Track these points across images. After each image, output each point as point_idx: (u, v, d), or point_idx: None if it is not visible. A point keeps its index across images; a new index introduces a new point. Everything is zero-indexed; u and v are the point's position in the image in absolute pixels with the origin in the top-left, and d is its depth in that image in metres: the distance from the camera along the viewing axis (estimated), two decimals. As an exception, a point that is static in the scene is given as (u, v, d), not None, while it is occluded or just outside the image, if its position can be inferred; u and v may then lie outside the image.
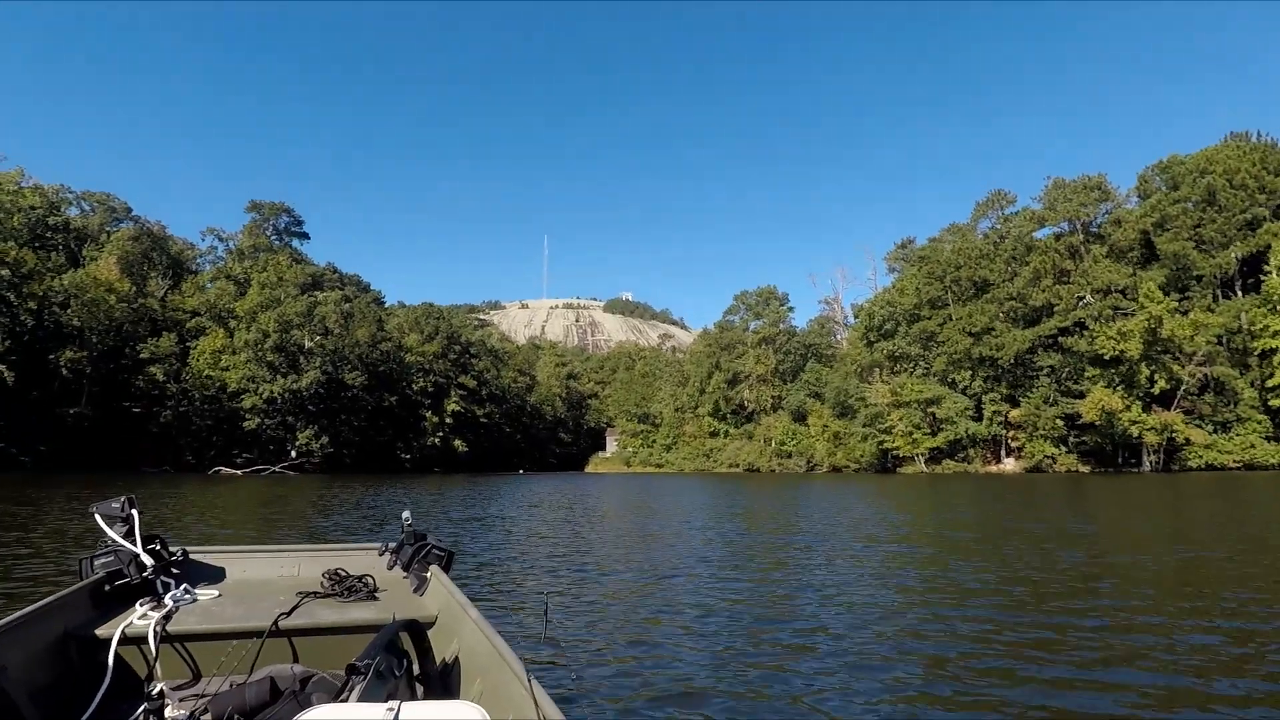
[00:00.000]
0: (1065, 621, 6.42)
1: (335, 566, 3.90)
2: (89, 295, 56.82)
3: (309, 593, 3.56)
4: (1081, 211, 63.96)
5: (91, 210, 73.16)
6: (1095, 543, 12.47)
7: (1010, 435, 70.52)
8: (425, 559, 3.99)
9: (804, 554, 11.29)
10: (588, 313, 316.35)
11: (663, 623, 6.37)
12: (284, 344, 68.69)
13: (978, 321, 69.21)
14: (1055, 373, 66.52)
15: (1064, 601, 7.25)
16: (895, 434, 73.57)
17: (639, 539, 14.08)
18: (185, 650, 3.05)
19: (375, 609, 3.43)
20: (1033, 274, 65.59)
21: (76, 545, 10.60)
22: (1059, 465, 65.72)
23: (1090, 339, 61.10)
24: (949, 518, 17.31)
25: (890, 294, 78.76)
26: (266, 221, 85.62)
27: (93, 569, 3.38)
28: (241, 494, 29.97)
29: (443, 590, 3.53)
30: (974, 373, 70.92)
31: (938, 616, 6.69)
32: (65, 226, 65.74)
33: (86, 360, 57.03)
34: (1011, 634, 5.98)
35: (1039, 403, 66.41)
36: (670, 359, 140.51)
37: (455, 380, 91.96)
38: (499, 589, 7.88)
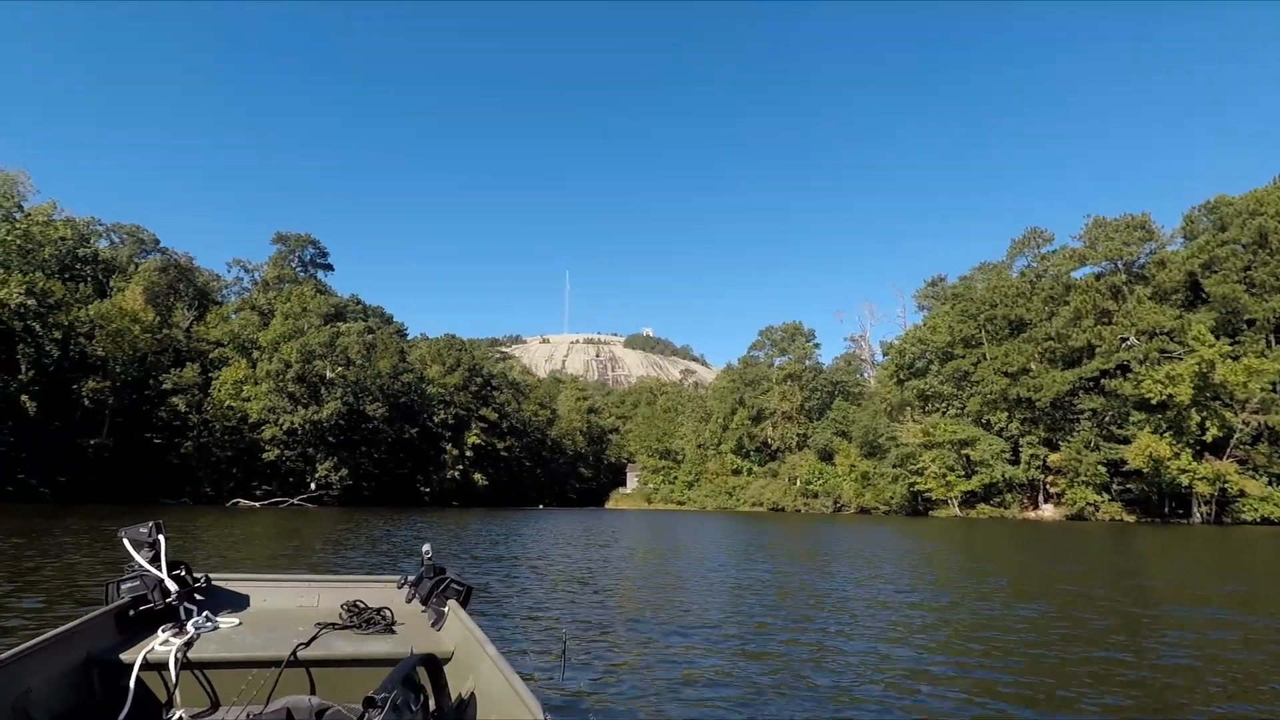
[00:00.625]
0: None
1: (354, 598, 3.91)
2: (113, 325, 56.57)
3: (328, 624, 3.54)
4: (1125, 251, 62.07)
5: (120, 242, 73.67)
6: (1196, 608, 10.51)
7: (1049, 480, 67.83)
8: (444, 593, 3.97)
9: (839, 607, 10.47)
10: (608, 348, 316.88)
11: (684, 667, 6.23)
12: (306, 374, 68.10)
13: (1014, 361, 67.07)
14: (1097, 416, 64.00)
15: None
16: (927, 476, 71.14)
17: (664, 582, 13.51)
18: (205, 678, 3.07)
19: (393, 642, 3.42)
20: (1073, 314, 63.54)
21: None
22: (1102, 513, 62.88)
23: (1136, 382, 58.72)
24: (1015, 570, 15.33)
25: (922, 331, 76.94)
26: (292, 253, 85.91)
27: (119, 593, 3.42)
28: (257, 528, 28.79)
29: (460, 626, 3.52)
30: (1010, 414, 68.57)
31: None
32: (94, 258, 66.04)
33: (109, 390, 56.58)
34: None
35: (1080, 447, 63.82)
36: (692, 394, 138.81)
37: (476, 412, 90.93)
38: (518, 627, 7.75)
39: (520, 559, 16.68)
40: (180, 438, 64.60)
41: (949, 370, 73.50)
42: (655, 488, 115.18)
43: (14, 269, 50.30)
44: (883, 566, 17.86)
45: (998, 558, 22.13)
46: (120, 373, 57.78)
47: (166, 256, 74.60)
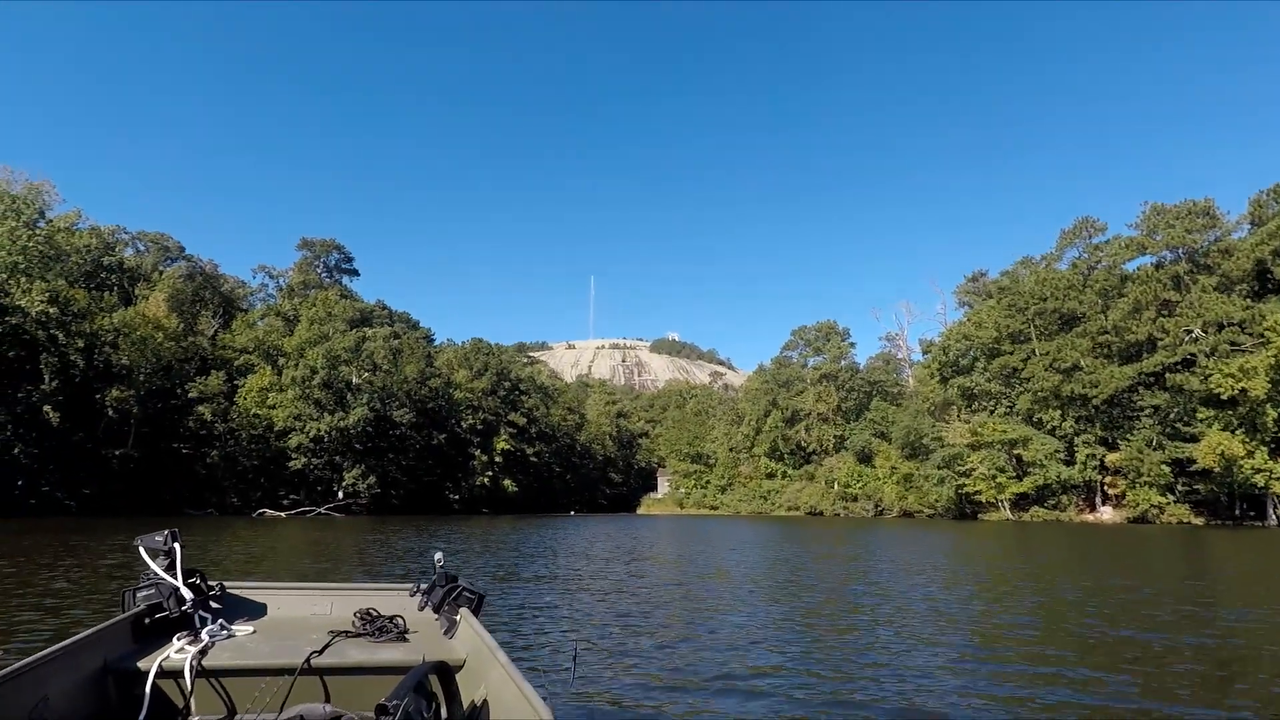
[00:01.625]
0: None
1: (367, 606, 3.91)
2: (137, 333, 55.56)
3: (341, 632, 3.56)
4: (1187, 239, 58.32)
5: (145, 250, 73.13)
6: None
7: (1107, 481, 64.16)
8: (456, 601, 3.97)
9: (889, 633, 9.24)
10: (634, 353, 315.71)
11: (697, 680, 6.19)
12: (331, 380, 66.77)
13: (1067, 357, 63.55)
14: (1159, 413, 60.28)
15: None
16: (975, 477, 67.83)
17: (700, 596, 12.86)
18: (220, 685, 3.07)
19: (405, 650, 3.44)
20: (1132, 305, 59.91)
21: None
22: (1167, 516, 59.16)
23: (1203, 376, 55.04)
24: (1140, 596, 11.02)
25: (966, 327, 73.57)
26: (317, 259, 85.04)
27: (135, 601, 3.44)
28: (280, 541, 27.49)
29: (472, 633, 3.54)
30: (1064, 412, 65.03)
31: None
32: (119, 266, 65.38)
33: (133, 400, 55.58)
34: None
35: (1141, 446, 60.15)
36: (723, 397, 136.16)
37: (505, 418, 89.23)
38: (532, 634, 7.68)
39: (562, 577, 15.06)
40: (206, 447, 63.56)
41: (996, 367, 70.07)
42: (687, 492, 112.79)
43: (36, 277, 49.35)
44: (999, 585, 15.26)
45: (1103, 568, 19.39)
46: (144, 382, 56.75)
47: (191, 264, 73.94)
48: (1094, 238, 69.23)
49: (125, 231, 70.39)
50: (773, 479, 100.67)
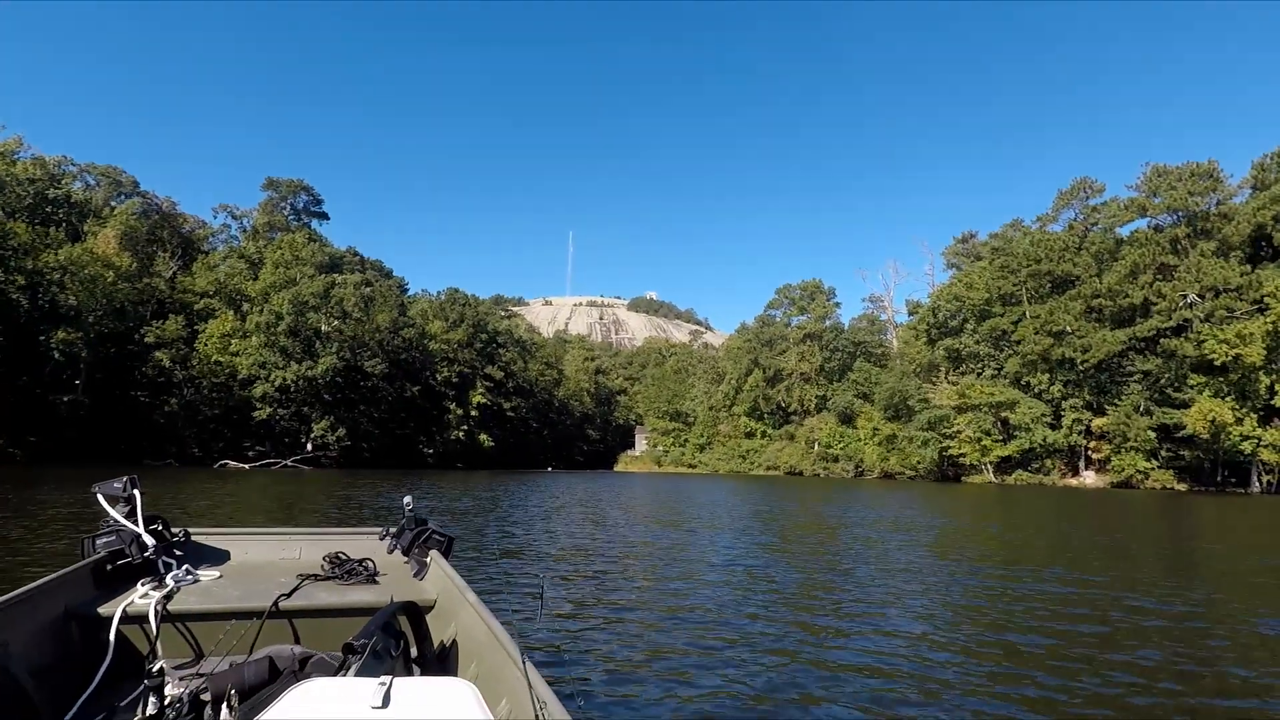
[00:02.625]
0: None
1: (336, 550, 3.90)
2: (85, 272, 51.75)
3: (309, 575, 3.53)
4: (1189, 201, 56.66)
5: (96, 184, 68.38)
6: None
7: (1091, 446, 63.63)
8: (426, 544, 3.95)
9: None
10: (611, 311, 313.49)
11: (663, 617, 6.37)
12: (299, 327, 63.50)
13: (1059, 320, 62.28)
14: (1149, 379, 59.48)
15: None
16: (960, 440, 66.98)
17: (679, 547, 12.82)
18: (186, 630, 3.04)
19: (375, 592, 3.42)
20: (1129, 269, 58.53)
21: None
22: (1151, 481, 58.78)
23: (1197, 342, 54.06)
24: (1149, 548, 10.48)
25: (957, 288, 71.97)
26: (284, 200, 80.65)
27: (94, 548, 3.35)
28: (240, 491, 25.89)
29: (442, 575, 3.53)
30: (1052, 376, 64.03)
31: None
32: (66, 200, 60.84)
33: (82, 343, 52.02)
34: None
35: (1129, 411, 59.46)
36: (703, 355, 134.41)
37: (481, 371, 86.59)
38: (500, 576, 7.71)
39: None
40: (165, 395, 60.39)
41: (986, 329, 68.77)
42: (665, 450, 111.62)
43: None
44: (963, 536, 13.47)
45: (1102, 531, 17.82)
46: (95, 324, 53.15)
47: (147, 200, 69.44)
48: (1092, 199, 67.54)
49: (73, 163, 65.63)
50: (752, 438, 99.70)
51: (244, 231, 75.92)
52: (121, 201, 66.80)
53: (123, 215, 61.31)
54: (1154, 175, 60.13)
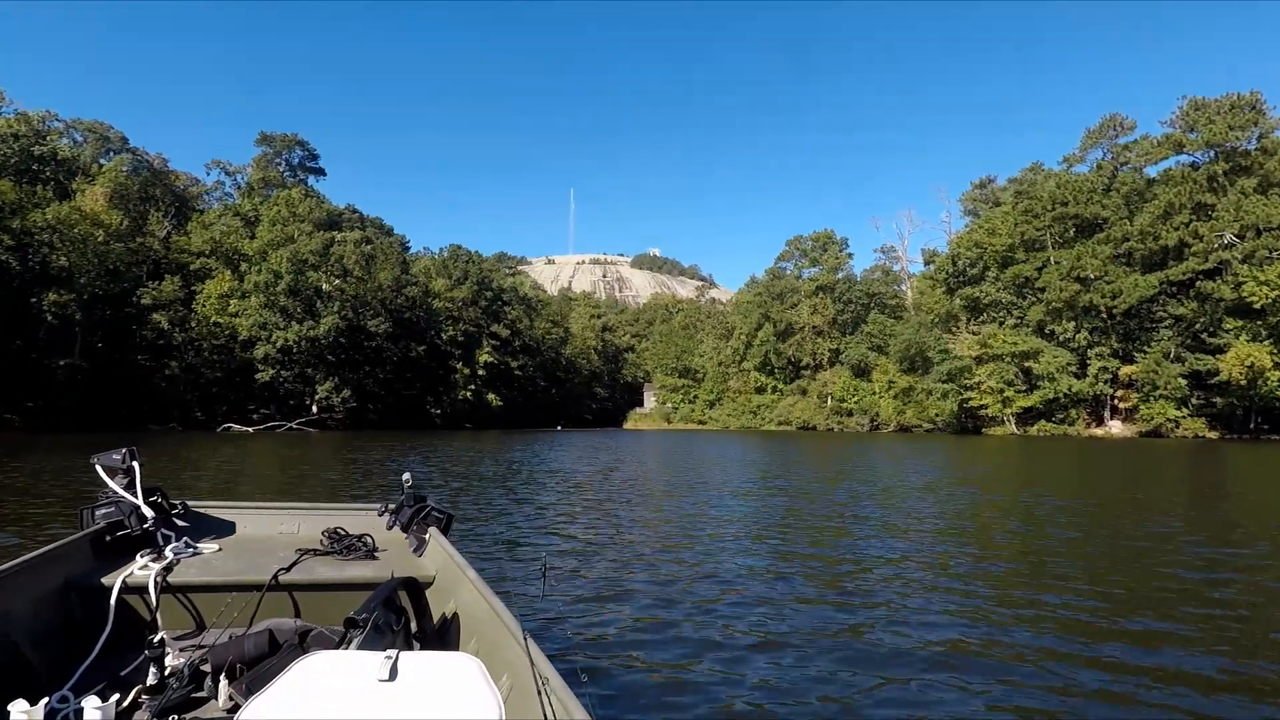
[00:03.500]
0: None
1: (335, 525, 3.90)
2: (74, 231, 49.59)
3: (308, 550, 3.52)
4: (1229, 135, 53.68)
5: (83, 141, 65.66)
6: None
7: (1118, 395, 61.81)
8: (424, 520, 3.94)
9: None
10: (615, 268, 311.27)
11: (671, 590, 6.14)
12: (298, 286, 61.45)
13: (1088, 265, 59.86)
14: (1181, 324, 57.33)
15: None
16: (982, 391, 65.19)
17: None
18: (186, 601, 3.03)
19: (374, 568, 3.41)
20: (1163, 209, 55.89)
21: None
22: (1182, 430, 57.07)
23: (1235, 284, 51.77)
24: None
25: (978, 234, 69.31)
26: (278, 155, 77.82)
27: (94, 519, 3.36)
28: (239, 459, 24.24)
29: (441, 551, 3.50)
30: (1078, 324, 61.89)
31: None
32: (53, 157, 58.30)
33: (76, 305, 50.13)
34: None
35: (1159, 358, 57.48)
36: (711, 310, 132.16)
37: (487, 329, 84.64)
38: (502, 551, 7.58)
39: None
40: (166, 358, 58.77)
41: (1008, 277, 66.38)
42: (675, 407, 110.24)
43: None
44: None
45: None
46: (87, 285, 51.17)
47: (136, 157, 66.79)
48: (1122, 138, 64.44)
49: (58, 119, 62.83)
50: (763, 394, 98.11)
51: (238, 188, 73.35)
52: (110, 159, 64.19)
53: (111, 172, 58.83)
54: (1191, 109, 57.07)
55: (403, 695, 1.53)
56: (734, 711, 3.75)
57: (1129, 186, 60.87)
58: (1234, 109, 54.31)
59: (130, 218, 58.37)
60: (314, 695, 1.52)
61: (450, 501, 12.19)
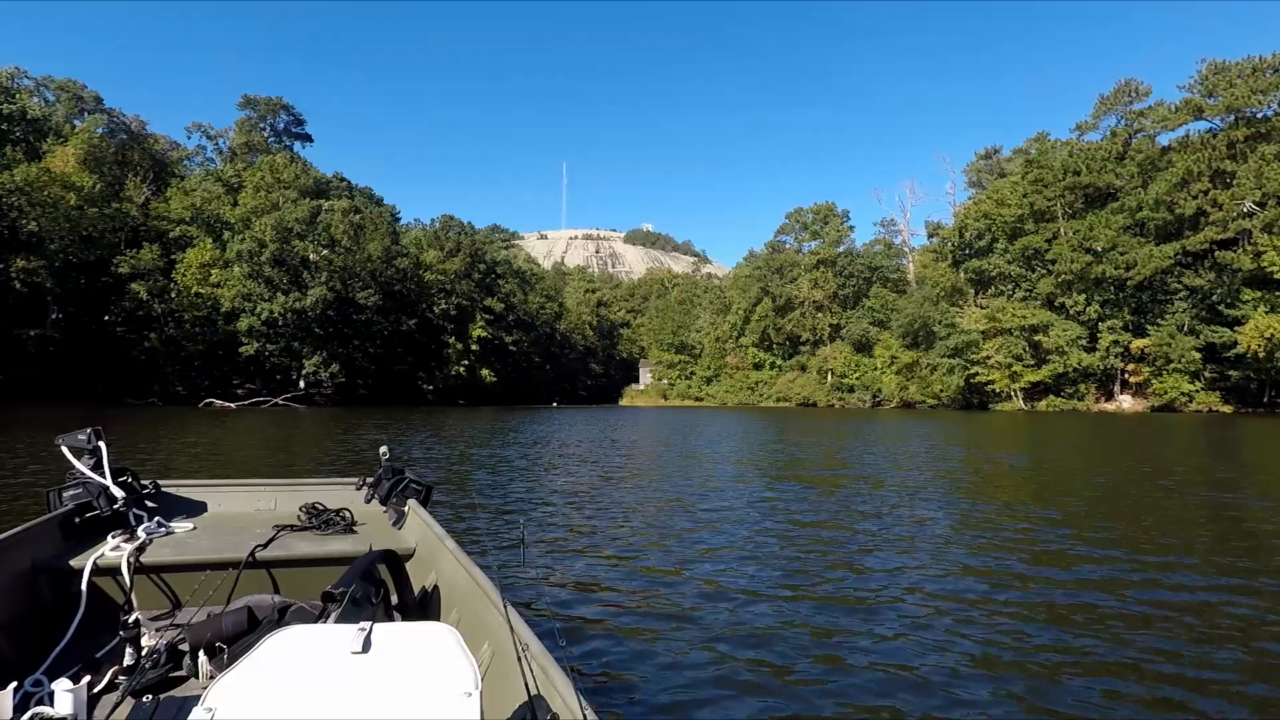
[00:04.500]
0: None
1: (312, 501, 3.84)
2: (44, 194, 46.93)
3: (286, 526, 3.48)
4: (1252, 99, 51.71)
5: (55, 100, 62.52)
6: None
7: (1129, 369, 60.35)
8: (403, 493, 3.91)
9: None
10: (608, 244, 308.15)
11: (648, 561, 6.03)
12: (284, 256, 58.95)
13: (1100, 236, 58.05)
14: (1196, 295, 55.74)
15: None
16: (990, 366, 63.62)
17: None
18: (161, 581, 2.97)
19: (353, 542, 3.37)
20: (1180, 177, 54.02)
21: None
22: (1196, 404, 55.68)
23: (1254, 254, 50.12)
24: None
25: (986, 205, 67.30)
26: (262, 120, 74.74)
27: (61, 501, 3.28)
28: (216, 435, 22.50)
29: (420, 523, 3.47)
30: (1089, 296, 60.23)
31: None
32: (22, 116, 55.25)
33: (46, 272, 47.64)
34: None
35: (1173, 331, 55.97)
36: (708, 285, 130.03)
37: (480, 303, 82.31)
38: (482, 522, 7.55)
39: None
40: (145, 330, 56.37)
41: (1018, 248, 64.54)
42: (671, 383, 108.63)
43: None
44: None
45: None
46: (59, 251, 48.63)
47: (112, 118, 63.75)
48: (1136, 104, 62.32)
49: (27, 76, 59.72)
50: (761, 370, 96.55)
51: (220, 154, 70.39)
52: (84, 120, 61.11)
53: (85, 133, 55.90)
54: (1211, 72, 55.02)
55: (377, 667, 1.50)
56: (714, 674, 3.68)
57: (1144, 154, 58.92)
58: (1256, 72, 52.30)
59: (105, 182, 55.59)
60: (286, 669, 1.48)
61: (454, 478, 11.63)
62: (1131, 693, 3.66)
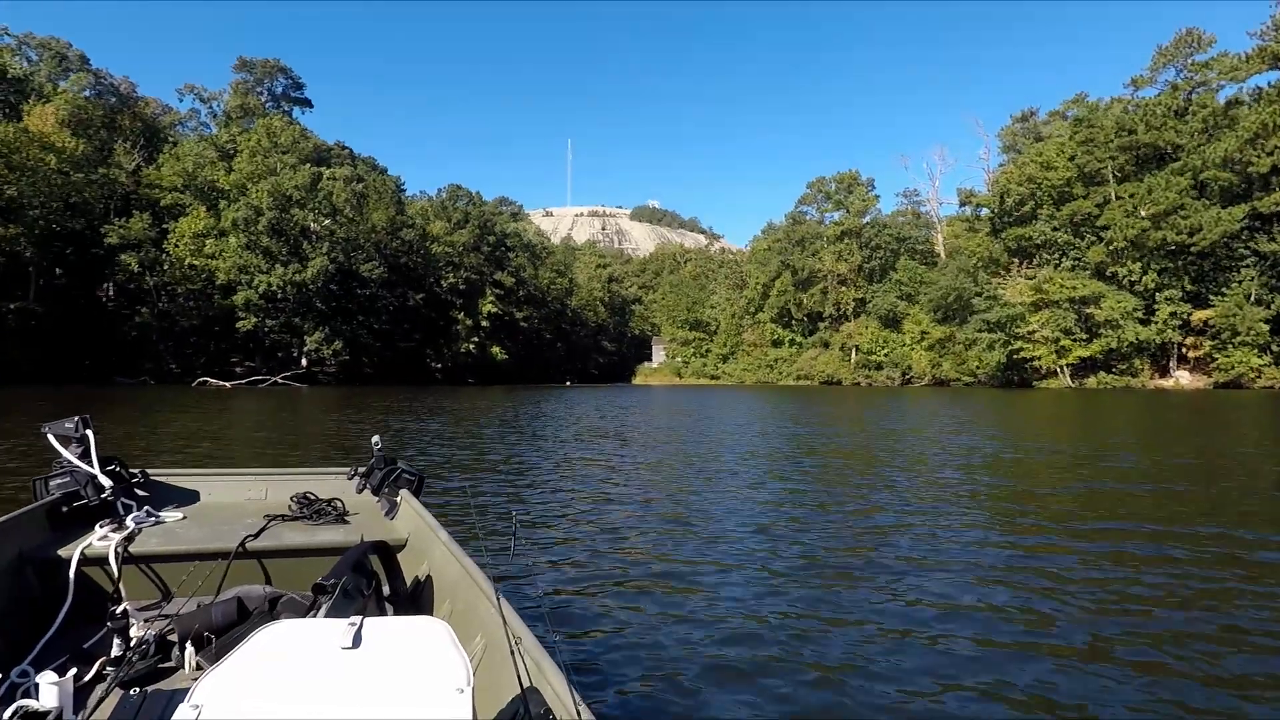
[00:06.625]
0: None
1: (303, 490, 3.77)
2: (20, 156, 43.14)
3: (276, 516, 3.43)
4: (1338, 42, 47.29)
5: (38, 60, 58.48)
6: None
7: (1189, 343, 56.35)
8: (396, 483, 3.81)
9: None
10: (614, 220, 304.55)
11: (642, 550, 5.82)
12: (283, 225, 55.19)
13: (1161, 199, 53.80)
14: (1266, 262, 51.66)
15: None
16: (1035, 341, 59.67)
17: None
18: (150, 571, 2.93)
19: (345, 532, 3.34)
20: (1253, 132, 49.70)
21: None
22: (1264, 380, 51.77)
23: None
24: None
25: (1031, 168, 62.91)
26: (259, 83, 70.58)
27: (48, 490, 3.24)
28: (207, 417, 19.94)
29: (413, 514, 3.48)
30: (1145, 264, 56.13)
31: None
32: (2, 75, 51.42)
33: (26, 240, 44.03)
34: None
35: (1240, 301, 51.96)
36: (723, 260, 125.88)
37: (490, 277, 78.51)
38: (474, 511, 7.08)
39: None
40: (137, 304, 52.92)
41: (1065, 214, 60.31)
42: (685, 361, 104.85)
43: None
44: None
45: None
46: (40, 218, 44.96)
47: (100, 80, 59.75)
48: (1198, 55, 57.63)
49: (8, 34, 55.65)
50: (780, 347, 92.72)
51: (215, 118, 66.35)
52: (69, 80, 57.13)
53: (68, 95, 51.97)
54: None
55: (367, 661, 1.47)
56: (711, 668, 3.56)
57: (1208, 109, 54.46)
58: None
59: (93, 146, 51.80)
60: (275, 664, 1.46)
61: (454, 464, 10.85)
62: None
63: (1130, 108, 58.73)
